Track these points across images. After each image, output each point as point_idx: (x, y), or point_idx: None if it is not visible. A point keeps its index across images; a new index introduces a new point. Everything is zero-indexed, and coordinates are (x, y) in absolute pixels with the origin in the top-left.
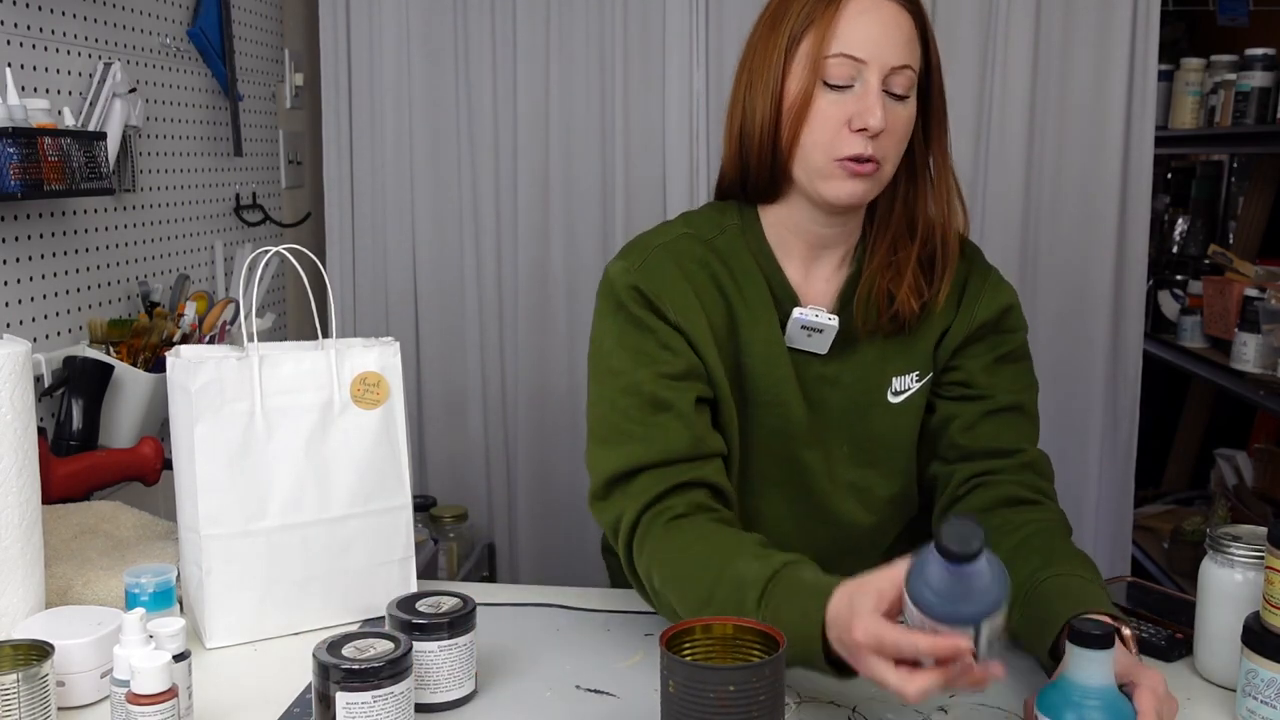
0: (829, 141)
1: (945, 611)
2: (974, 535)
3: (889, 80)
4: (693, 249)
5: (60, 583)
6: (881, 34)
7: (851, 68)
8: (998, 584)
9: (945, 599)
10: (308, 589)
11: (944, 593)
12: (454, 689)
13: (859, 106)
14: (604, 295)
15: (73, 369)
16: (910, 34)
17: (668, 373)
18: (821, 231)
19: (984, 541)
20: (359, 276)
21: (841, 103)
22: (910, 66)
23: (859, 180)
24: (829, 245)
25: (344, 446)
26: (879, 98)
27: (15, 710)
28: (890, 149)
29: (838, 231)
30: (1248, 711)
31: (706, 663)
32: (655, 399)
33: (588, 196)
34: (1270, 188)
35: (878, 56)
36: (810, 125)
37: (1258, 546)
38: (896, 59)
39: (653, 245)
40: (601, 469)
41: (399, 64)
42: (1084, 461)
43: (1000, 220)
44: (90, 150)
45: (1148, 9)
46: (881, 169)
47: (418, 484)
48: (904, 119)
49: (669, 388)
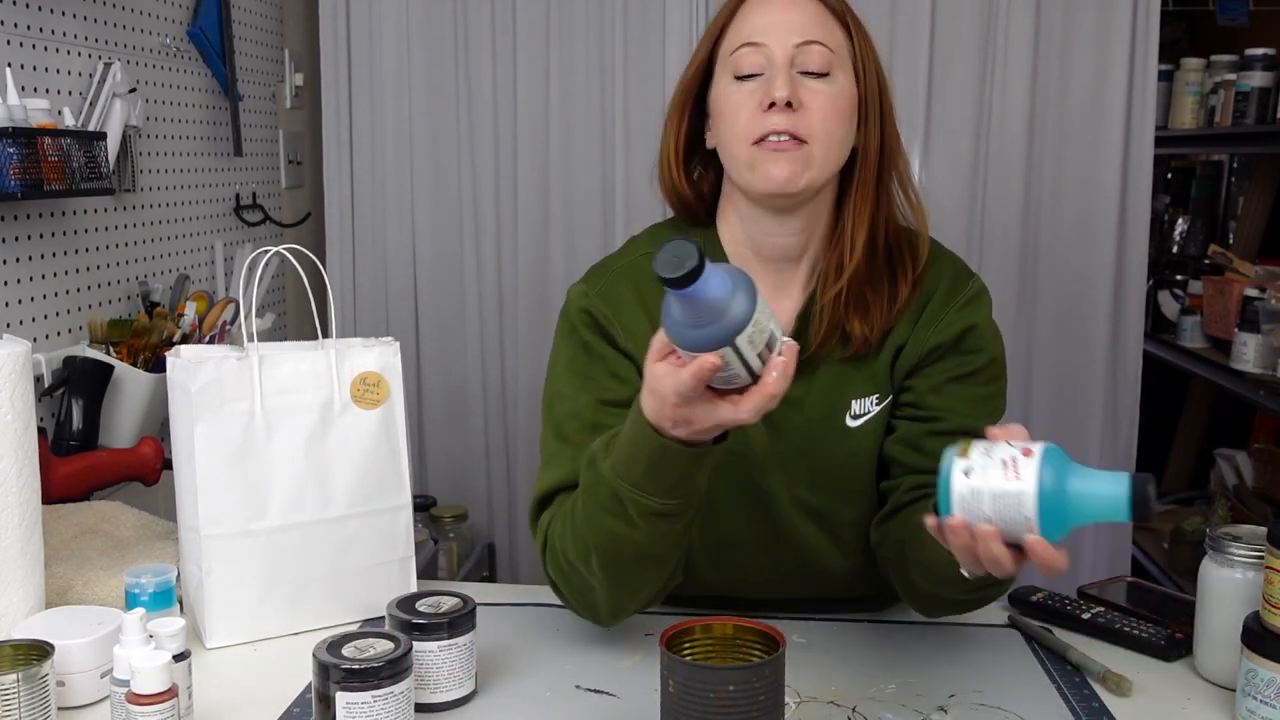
0: (745, 127)
1: (686, 339)
2: (686, 255)
3: (799, 59)
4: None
5: (60, 583)
6: (780, 16)
7: (757, 54)
8: (735, 300)
9: (685, 326)
10: (308, 589)
11: (683, 320)
12: (454, 689)
13: (768, 86)
14: (561, 317)
15: (73, 369)
16: (816, 14)
17: (611, 399)
18: (774, 241)
19: (700, 259)
20: (359, 276)
21: (753, 90)
22: (820, 42)
23: (781, 159)
24: (789, 258)
25: (344, 446)
26: (784, 71)
27: (15, 710)
28: (815, 126)
29: (793, 241)
30: (1248, 711)
31: (706, 663)
32: (595, 425)
33: (588, 196)
34: (1270, 188)
35: (777, 37)
36: (727, 118)
37: (1258, 546)
38: (798, 35)
39: (613, 268)
40: (535, 491)
41: (399, 64)
42: (1084, 461)
43: (1000, 220)
44: (90, 150)
45: (1148, 9)
46: (808, 149)
47: (418, 484)
48: (827, 95)
49: (611, 415)
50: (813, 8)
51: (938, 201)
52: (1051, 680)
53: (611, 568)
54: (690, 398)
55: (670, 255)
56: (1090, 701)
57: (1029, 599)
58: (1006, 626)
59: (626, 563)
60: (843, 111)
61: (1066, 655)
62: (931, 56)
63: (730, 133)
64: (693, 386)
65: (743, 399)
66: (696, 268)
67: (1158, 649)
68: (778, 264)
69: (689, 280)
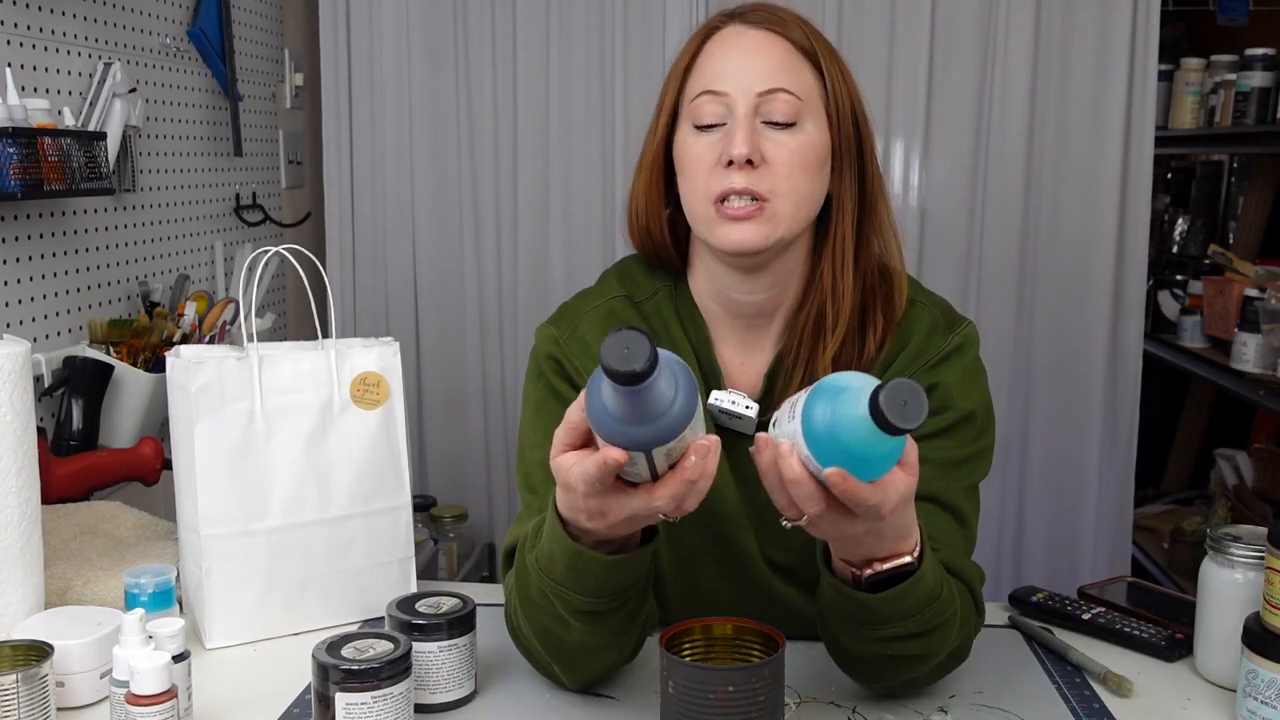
0: (704, 184)
1: (609, 431)
2: (637, 351)
3: (763, 108)
4: (625, 313)
5: (60, 583)
6: (744, 62)
7: (717, 103)
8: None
9: (614, 419)
10: (308, 589)
11: (614, 413)
12: (454, 689)
13: (727, 140)
14: (531, 358)
15: (73, 369)
16: (784, 58)
17: None
18: (745, 299)
19: (651, 360)
20: (359, 276)
21: (713, 143)
22: (787, 90)
23: (744, 224)
24: (760, 315)
25: (344, 446)
26: (745, 124)
27: (15, 710)
28: (778, 182)
29: (764, 298)
30: (1248, 712)
31: (706, 663)
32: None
33: (588, 196)
34: (1270, 188)
35: (739, 85)
36: (686, 173)
37: (1258, 546)
38: (763, 84)
39: (583, 311)
40: (508, 539)
41: (399, 64)
42: (1084, 461)
43: (1000, 220)
44: (90, 150)
45: (1148, 9)
46: (771, 206)
47: (418, 484)
48: (790, 148)
49: None
50: (779, 49)
51: (938, 201)
52: (1052, 680)
53: (559, 654)
54: (599, 489)
55: (620, 347)
56: (1091, 702)
57: (1029, 599)
58: (1007, 627)
59: (571, 651)
60: (810, 165)
61: (1067, 655)
62: (931, 56)
63: (690, 188)
64: (599, 478)
65: (658, 485)
66: (645, 370)
67: (1158, 649)
68: (748, 320)
69: (636, 380)
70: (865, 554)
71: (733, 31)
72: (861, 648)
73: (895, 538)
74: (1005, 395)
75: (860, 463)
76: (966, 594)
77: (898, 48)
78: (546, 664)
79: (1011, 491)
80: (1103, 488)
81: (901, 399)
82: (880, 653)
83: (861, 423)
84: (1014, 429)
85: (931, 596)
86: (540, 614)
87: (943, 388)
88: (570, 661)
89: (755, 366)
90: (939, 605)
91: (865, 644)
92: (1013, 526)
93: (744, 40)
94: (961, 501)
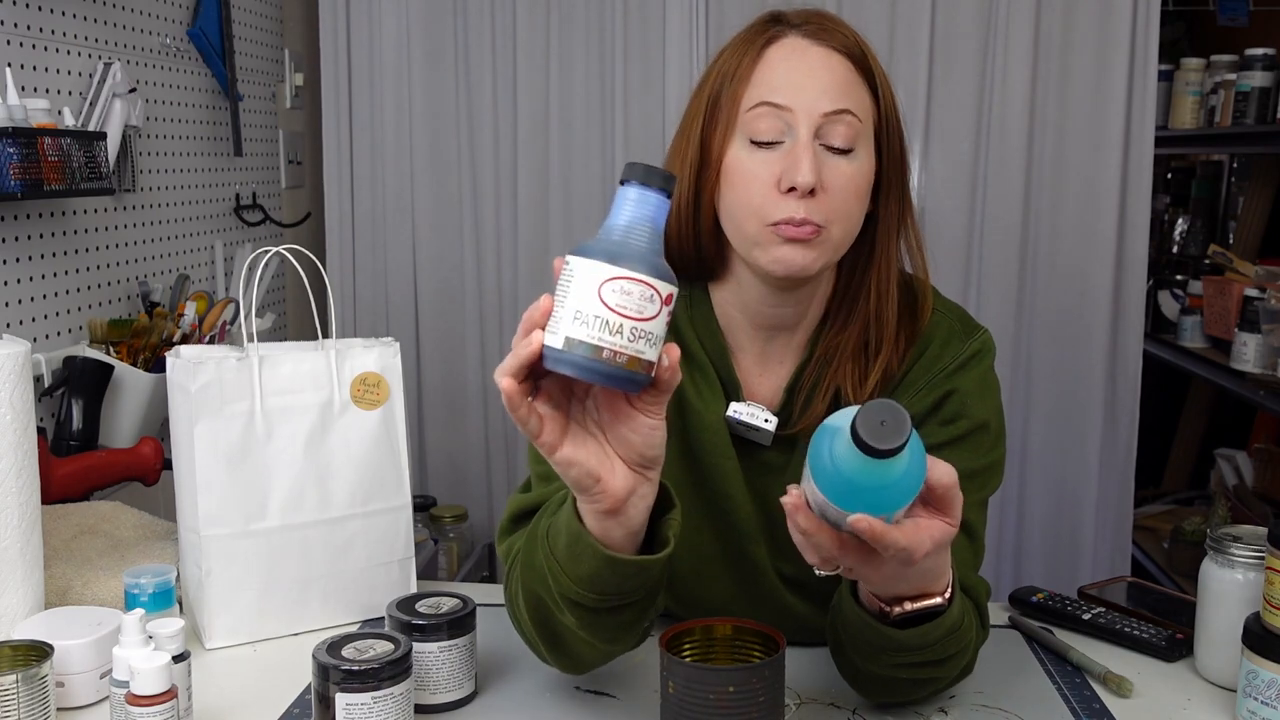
0: (759, 205)
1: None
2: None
3: (823, 131)
4: None
5: (60, 583)
6: (808, 78)
7: (777, 119)
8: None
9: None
10: (307, 589)
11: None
12: (454, 690)
13: (787, 163)
14: None
15: (73, 369)
16: (847, 79)
17: None
18: (773, 312)
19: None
20: (359, 276)
21: (770, 161)
22: (850, 111)
23: (797, 247)
24: (784, 327)
25: (344, 447)
26: (809, 150)
27: (14, 711)
28: (835, 210)
29: (791, 311)
30: (1248, 712)
31: (706, 663)
32: None
33: (588, 196)
34: (1270, 188)
35: (804, 103)
36: (737, 189)
37: (1258, 546)
38: (828, 104)
39: None
40: (512, 505)
41: (399, 64)
42: (1084, 461)
43: (1000, 220)
44: (90, 150)
45: (1148, 9)
46: (826, 233)
47: (418, 484)
48: (848, 175)
49: None
50: (843, 68)
51: (937, 201)
52: (1052, 681)
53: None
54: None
55: (876, 419)
56: (1091, 702)
57: (1029, 599)
58: (1007, 627)
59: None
60: (863, 191)
61: (1067, 656)
62: (931, 56)
63: (741, 206)
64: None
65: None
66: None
67: (1158, 649)
68: (770, 331)
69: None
70: (895, 593)
71: (796, 44)
72: (875, 669)
73: (926, 580)
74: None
75: (870, 494)
76: (973, 611)
77: (898, 48)
78: (534, 640)
79: (1011, 491)
80: (1103, 488)
81: (878, 420)
82: (893, 675)
83: (853, 454)
84: (1014, 429)
85: (954, 627)
86: (537, 589)
87: (958, 394)
88: (555, 642)
89: (775, 379)
90: (958, 635)
91: (880, 667)
92: (1013, 526)
93: (809, 56)
94: (972, 516)
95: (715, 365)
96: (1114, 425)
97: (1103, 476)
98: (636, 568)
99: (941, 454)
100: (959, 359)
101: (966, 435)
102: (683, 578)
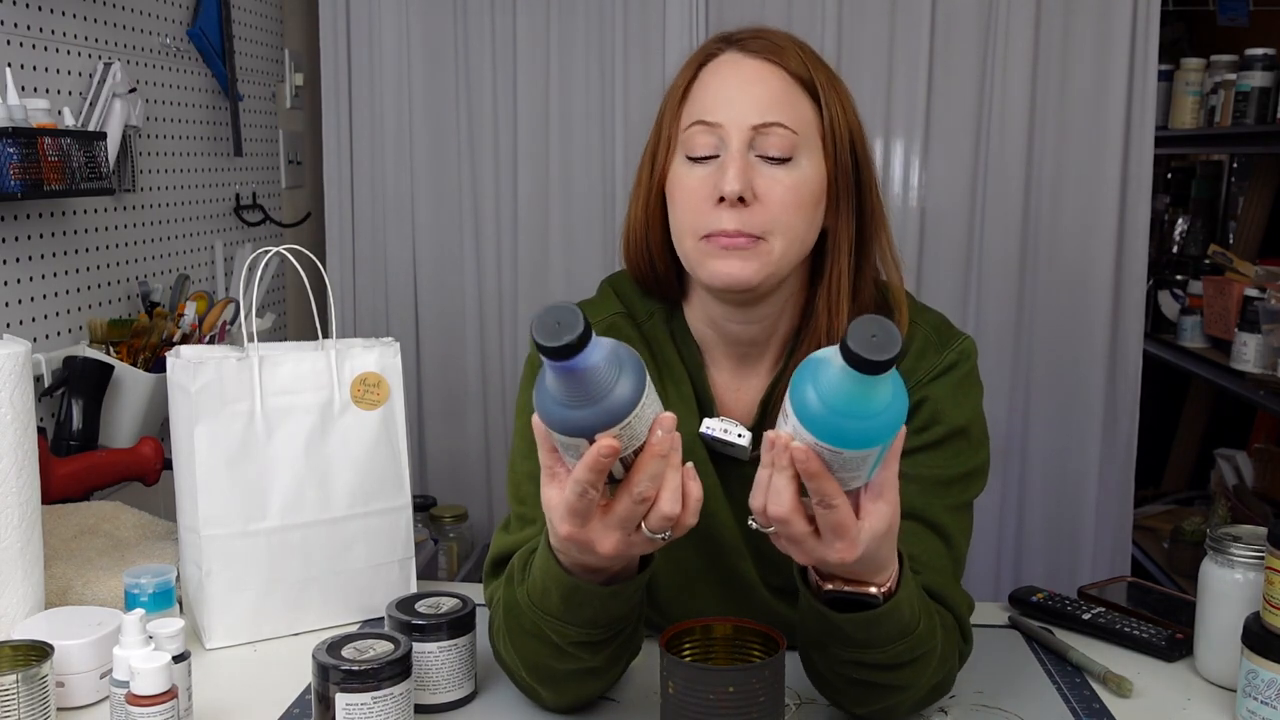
0: (693, 219)
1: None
2: (569, 324)
3: (757, 142)
4: (626, 331)
5: (60, 583)
6: (738, 92)
7: (710, 135)
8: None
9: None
10: (308, 589)
11: (555, 396)
12: (454, 690)
13: (719, 175)
14: (525, 366)
15: (73, 369)
16: (781, 90)
17: None
18: (739, 329)
19: (584, 330)
20: (359, 276)
21: (705, 176)
22: (782, 124)
23: (733, 259)
24: (754, 343)
25: (344, 447)
26: (737, 160)
27: (15, 711)
28: (772, 220)
29: (758, 328)
30: (1248, 712)
31: (706, 664)
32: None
33: (588, 196)
34: (1270, 188)
35: (734, 117)
36: (677, 205)
37: (1258, 546)
38: (758, 117)
39: None
40: (494, 548)
41: (399, 64)
42: (1084, 461)
43: (1000, 220)
44: (90, 150)
45: (1148, 9)
46: (765, 244)
47: (418, 484)
48: (786, 185)
49: None
50: (776, 80)
51: (937, 201)
52: (1052, 681)
53: (549, 682)
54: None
55: (551, 320)
56: (1091, 702)
57: (1029, 599)
58: (1007, 627)
59: (562, 679)
60: (805, 201)
61: (1067, 656)
62: (931, 56)
63: (679, 222)
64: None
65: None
66: (577, 341)
67: (1158, 649)
68: (743, 348)
69: (569, 353)
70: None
71: (729, 60)
72: (829, 668)
73: (867, 568)
74: (1005, 396)
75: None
76: (952, 624)
77: (898, 48)
78: (530, 686)
79: (1011, 491)
80: (1103, 488)
81: (869, 333)
82: (849, 675)
83: (843, 377)
84: (1014, 429)
85: (905, 630)
86: (532, 647)
87: (930, 401)
88: (557, 686)
89: (749, 394)
90: (915, 639)
91: (833, 664)
92: (1013, 526)
93: (740, 70)
94: (948, 521)
95: (693, 380)
96: (1114, 425)
97: (1103, 476)
98: (636, 587)
99: (915, 459)
100: (934, 371)
101: (943, 441)
102: (672, 598)
